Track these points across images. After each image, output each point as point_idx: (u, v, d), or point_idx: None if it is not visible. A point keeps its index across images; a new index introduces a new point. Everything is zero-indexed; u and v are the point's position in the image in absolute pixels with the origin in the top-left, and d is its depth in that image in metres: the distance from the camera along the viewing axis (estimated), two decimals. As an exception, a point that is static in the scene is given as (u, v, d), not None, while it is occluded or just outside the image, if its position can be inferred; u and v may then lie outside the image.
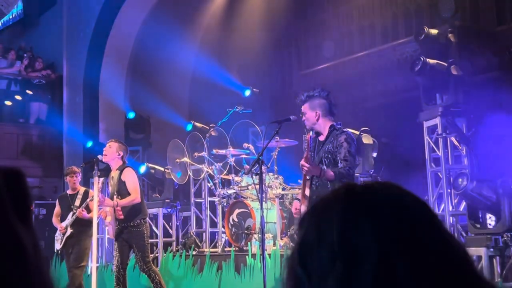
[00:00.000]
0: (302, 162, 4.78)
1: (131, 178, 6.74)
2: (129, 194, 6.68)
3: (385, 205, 0.84)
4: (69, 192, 7.95)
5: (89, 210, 7.71)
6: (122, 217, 6.63)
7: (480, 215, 5.73)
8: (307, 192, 4.96)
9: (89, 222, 7.66)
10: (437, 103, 6.71)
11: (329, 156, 4.96)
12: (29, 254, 0.51)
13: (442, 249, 0.83)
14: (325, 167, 4.89)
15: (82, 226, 7.66)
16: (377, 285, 0.78)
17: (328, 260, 0.80)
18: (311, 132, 5.12)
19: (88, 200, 7.67)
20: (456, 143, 6.44)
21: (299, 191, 5.60)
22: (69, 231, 7.68)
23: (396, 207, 0.85)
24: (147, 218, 7.02)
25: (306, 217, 0.87)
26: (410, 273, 0.79)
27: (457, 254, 0.84)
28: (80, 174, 8.01)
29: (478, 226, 5.65)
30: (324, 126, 5.06)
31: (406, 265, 0.79)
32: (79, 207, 7.68)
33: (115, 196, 6.74)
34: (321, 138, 5.11)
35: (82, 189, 7.95)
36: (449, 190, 6.30)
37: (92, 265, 8.25)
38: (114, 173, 6.87)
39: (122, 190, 6.70)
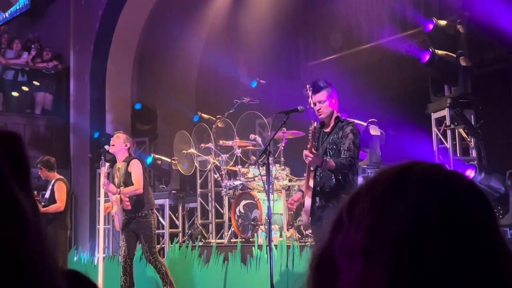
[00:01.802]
0: (306, 152, 4.78)
1: (136, 169, 6.80)
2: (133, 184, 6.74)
3: (437, 182, 0.85)
4: None
5: (54, 201, 7.74)
6: (129, 207, 6.66)
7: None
8: (311, 183, 4.95)
9: (55, 213, 7.69)
10: (445, 94, 6.67)
11: (334, 147, 4.96)
12: (30, 221, 0.49)
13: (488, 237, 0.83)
14: (329, 158, 4.89)
15: (48, 218, 7.65)
16: (403, 244, 0.80)
17: (368, 210, 0.84)
18: (315, 122, 5.11)
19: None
20: (464, 134, 6.40)
21: (303, 182, 5.59)
22: None
23: (448, 187, 0.85)
24: (154, 209, 7.06)
25: (368, 179, 0.91)
26: (440, 243, 0.80)
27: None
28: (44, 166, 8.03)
29: (486, 218, 5.61)
30: (332, 116, 5.06)
31: (439, 238, 0.80)
32: (48, 198, 7.76)
33: (121, 187, 6.77)
34: (326, 129, 5.10)
35: (53, 180, 7.99)
36: (456, 182, 6.25)
37: (99, 256, 8.28)
38: (121, 165, 6.90)
39: (128, 182, 6.74)
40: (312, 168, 4.96)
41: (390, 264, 0.79)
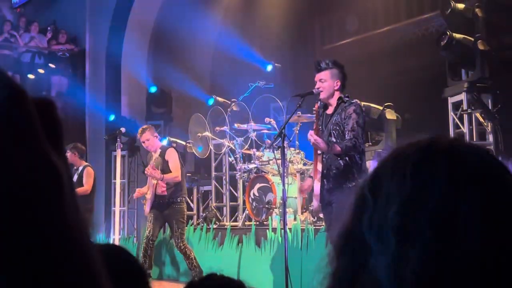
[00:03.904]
0: (311, 132, 4.79)
1: (173, 158, 6.95)
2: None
3: (466, 156, 0.84)
4: None
5: (81, 185, 7.93)
6: (165, 192, 6.77)
7: None
8: (319, 166, 4.96)
9: (82, 196, 7.88)
10: (462, 78, 6.61)
11: (337, 128, 4.95)
12: (64, 183, 0.49)
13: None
14: (333, 139, 4.89)
15: None
16: (437, 222, 0.78)
17: (397, 189, 0.82)
18: (318, 102, 5.11)
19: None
20: (481, 119, 6.35)
21: (312, 168, 5.60)
22: None
23: (480, 162, 0.84)
24: (186, 197, 7.22)
25: (388, 154, 0.89)
26: (474, 223, 0.77)
27: None
28: (67, 150, 8.21)
29: (502, 203, 5.59)
30: (334, 98, 5.05)
31: (472, 216, 0.78)
32: (75, 182, 7.96)
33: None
34: (329, 111, 5.09)
35: (82, 165, 8.22)
36: (473, 167, 6.21)
37: (114, 238, 8.36)
38: (156, 154, 6.97)
39: (165, 169, 6.86)
40: (319, 152, 4.96)
41: (427, 242, 0.77)
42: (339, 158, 4.89)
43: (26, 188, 0.46)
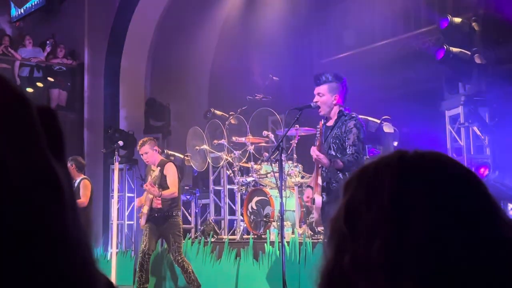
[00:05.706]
0: (313, 148, 4.82)
1: (171, 173, 6.92)
2: (168, 187, 6.81)
3: (440, 173, 0.82)
4: None
5: (77, 197, 7.94)
6: (160, 205, 6.75)
7: (501, 206, 5.66)
8: (319, 180, 4.98)
9: (80, 208, 7.89)
10: (459, 92, 6.63)
11: (337, 141, 4.98)
12: (65, 192, 0.50)
13: (494, 223, 0.80)
14: (333, 152, 4.91)
15: None
16: (426, 251, 0.76)
17: (377, 221, 0.78)
18: (322, 120, 5.13)
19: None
20: (478, 132, 6.36)
21: (310, 179, 5.61)
22: None
23: (452, 177, 0.83)
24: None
25: (353, 179, 0.85)
26: (461, 246, 0.76)
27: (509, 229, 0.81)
28: (68, 164, 8.26)
29: (500, 216, 5.59)
30: (334, 111, 5.07)
31: (458, 237, 0.77)
32: None
33: (159, 190, 6.86)
34: (329, 123, 5.12)
35: (79, 178, 8.21)
36: (470, 180, 6.21)
37: (112, 251, 8.34)
38: (155, 168, 6.95)
39: (163, 184, 6.85)
40: (320, 165, 4.98)
41: (418, 278, 0.75)
42: (339, 172, 4.92)
43: (24, 194, 0.46)
